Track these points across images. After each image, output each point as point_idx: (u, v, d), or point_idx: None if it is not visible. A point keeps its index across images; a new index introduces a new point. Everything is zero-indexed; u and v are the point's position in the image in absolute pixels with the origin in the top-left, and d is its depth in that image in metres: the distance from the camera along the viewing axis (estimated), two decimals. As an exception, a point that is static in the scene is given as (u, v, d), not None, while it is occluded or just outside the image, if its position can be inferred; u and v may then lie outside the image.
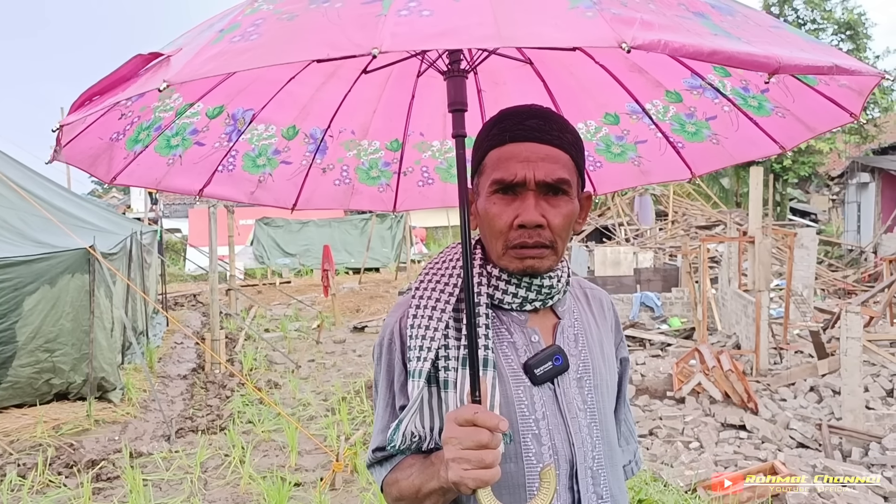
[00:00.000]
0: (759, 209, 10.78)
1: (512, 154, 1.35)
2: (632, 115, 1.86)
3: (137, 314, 10.83)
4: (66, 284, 7.58)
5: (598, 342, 1.50)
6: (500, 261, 1.39)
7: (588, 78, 1.82)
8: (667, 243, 20.43)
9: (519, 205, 1.34)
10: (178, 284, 20.73)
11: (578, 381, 1.42)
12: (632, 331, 13.36)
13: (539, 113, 1.39)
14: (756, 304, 10.11)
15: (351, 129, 2.00)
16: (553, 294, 1.44)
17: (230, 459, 6.36)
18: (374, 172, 2.08)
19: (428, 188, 2.13)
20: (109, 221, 11.36)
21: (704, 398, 8.91)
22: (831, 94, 1.51)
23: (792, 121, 1.63)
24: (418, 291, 1.42)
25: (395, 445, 1.32)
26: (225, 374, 9.65)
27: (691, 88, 1.72)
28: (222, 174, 1.89)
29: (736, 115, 1.70)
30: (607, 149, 1.94)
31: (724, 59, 0.96)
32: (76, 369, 7.69)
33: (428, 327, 1.35)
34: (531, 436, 1.36)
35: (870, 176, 23.80)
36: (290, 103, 1.87)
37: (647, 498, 4.94)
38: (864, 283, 18.19)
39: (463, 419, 1.19)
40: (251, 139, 1.89)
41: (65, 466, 6.28)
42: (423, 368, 1.32)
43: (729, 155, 1.80)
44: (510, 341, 1.41)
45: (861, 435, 7.32)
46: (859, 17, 27.35)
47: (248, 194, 1.95)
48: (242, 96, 1.79)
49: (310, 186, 2.02)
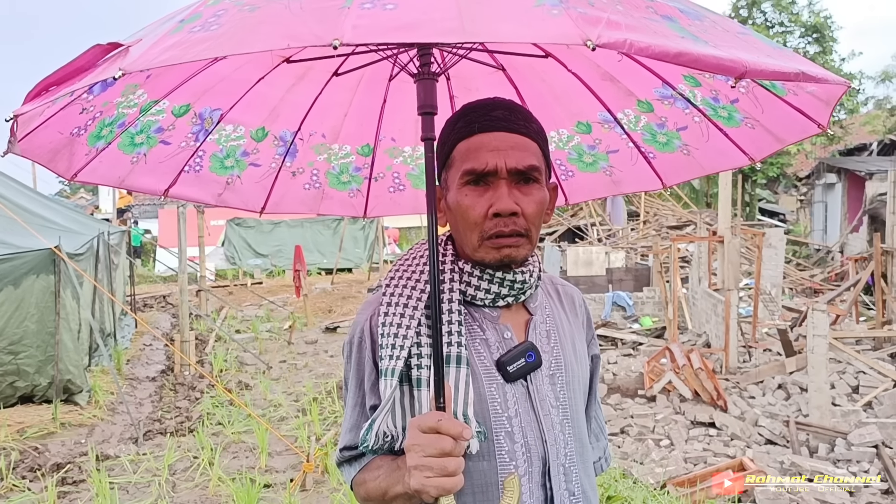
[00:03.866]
0: (728, 209, 10.91)
1: (481, 144, 1.34)
2: (604, 125, 1.85)
3: (105, 316, 10.68)
4: (31, 285, 7.44)
5: (571, 339, 1.50)
6: (476, 253, 1.37)
7: (560, 86, 1.82)
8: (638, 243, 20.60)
9: (492, 194, 1.33)
10: (147, 286, 20.46)
11: (551, 377, 1.41)
12: (604, 330, 13.44)
13: (504, 104, 1.39)
14: (726, 303, 10.23)
15: (321, 132, 1.97)
16: (525, 289, 1.43)
17: (199, 461, 6.29)
18: (344, 177, 2.05)
19: (399, 194, 2.11)
20: (76, 222, 11.18)
21: (675, 396, 9.00)
22: (799, 104, 1.52)
23: (761, 132, 1.64)
24: (389, 289, 1.40)
25: (368, 445, 1.30)
26: (195, 376, 9.54)
27: (662, 98, 1.72)
28: (189, 175, 1.85)
29: (706, 126, 1.71)
30: (579, 158, 1.94)
31: (690, 60, 0.96)
32: (41, 372, 7.56)
33: (400, 325, 1.33)
34: (504, 433, 1.34)
35: (836, 177, 24.20)
36: (260, 104, 1.84)
37: (616, 495, 4.96)
38: (831, 282, 18.49)
39: (426, 426, 1.18)
40: (219, 140, 1.85)
41: (29, 470, 6.16)
42: (395, 367, 1.30)
43: (699, 166, 1.80)
44: (482, 338, 1.40)
45: (827, 431, 7.43)
46: (826, 20, 27.82)
47: (216, 196, 1.91)
48: (210, 95, 1.75)
49: (279, 190, 1.99)
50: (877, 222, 19.44)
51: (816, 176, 26.18)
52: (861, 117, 29.66)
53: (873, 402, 8.39)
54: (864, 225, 20.81)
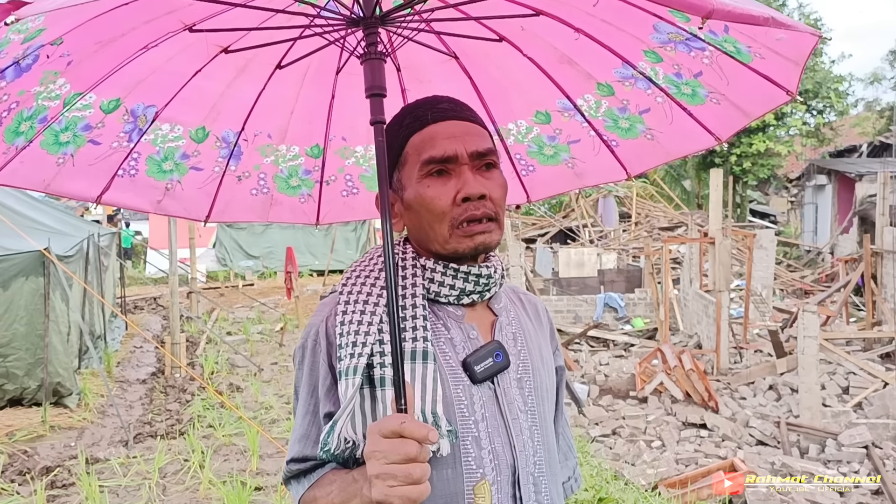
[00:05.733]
0: (719, 211, 10.95)
1: (436, 133, 1.29)
2: (563, 113, 1.76)
3: (95, 318, 10.62)
4: (20, 288, 7.39)
5: (537, 345, 1.43)
6: (448, 245, 1.30)
7: (516, 73, 1.72)
8: (630, 245, 20.65)
9: (457, 181, 1.28)
10: (137, 287, 20.38)
11: (519, 381, 1.34)
12: (595, 331, 13.45)
13: (447, 98, 1.36)
14: (717, 305, 10.26)
15: (267, 132, 1.83)
16: (490, 286, 1.36)
17: (190, 464, 6.25)
18: (293, 181, 1.90)
19: (353, 198, 1.97)
20: (66, 223, 11.11)
21: (666, 397, 9.02)
22: (766, 69, 1.44)
23: (727, 106, 1.57)
24: (346, 288, 1.33)
25: (329, 450, 1.19)
26: (185, 378, 9.50)
27: (623, 79, 1.64)
28: (123, 179, 1.67)
29: (670, 107, 1.63)
30: (540, 150, 1.84)
31: None
32: (31, 374, 7.51)
33: (361, 322, 1.26)
34: (471, 438, 1.25)
35: (826, 178, 24.33)
36: (198, 101, 1.69)
37: (608, 496, 4.96)
38: (822, 283, 18.58)
39: (388, 430, 1.08)
40: (155, 140, 1.68)
41: (18, 474, 6.11)
42: (358, 365, 1.21)
43: (665, 151, 1.72)
44: (447, 337, 1.31)
45: (818, 432, 7.46)
46: (815, 22, 27.98)
47: (155, 203, 1.74)
48: (143, 89, 1.59)
49: (224, 196, 1.83)
50: (866, 224, 19.54)
51: (807, 177, 26.31)
52: (851, 119, 29.85)
53: (863, 403, 8.42)
54: (854, 226, 20.92)
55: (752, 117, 1.56)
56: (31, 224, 9.10)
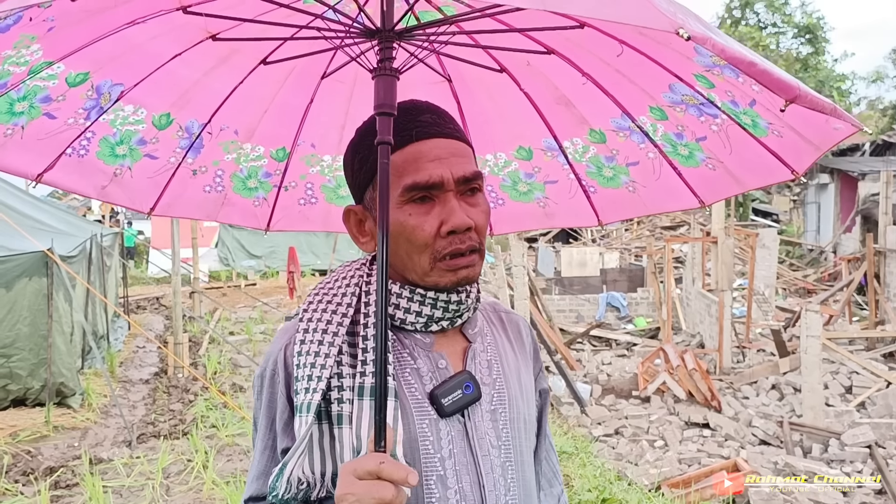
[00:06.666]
0: (722, 210, 10.94)
1: (419, 154, 1.18)
2: (546, 152, 1.69)
3: (97, 318, 10.63)
4: (23, 288, 7.40)
5: (516, 371, 1.33)
6: (427, 278, 1.20)
7: (507, 105, 1.65)
8: (632, 244, 20.65)
9: (441, 209, 1.17)
10: (140, 287, 20.40)
11: (492, 413, 1.24)
12: (598, 331, 13.46)
13: (427, 107, 1.25)
14: (719, 304, 10.25)
15: (234, 128, 1.72)
16: (462, 312, 1.25)
17: (193, 464, 6.26)
18: (252, 182, 1.80)
19: (310, 208, 1.87)
20: (69, 224, 11.12)
21: (669, 397, 9.02)
22: (779, 148, 1.39)
23: (722, 174, 1.51)
24: (306, 314, 1.22)
25: (278, 494, 1.10)
26: (188, 378, 9.51)
27: (618, 129, 1.58)
28: (71, 158, 1.55)
29: (660, 163, 1.58)
30: (514, 185, 1.77)
31: (758, 72, 0.88)
32: (34, 375, 7.52)
33: (318, 353, 1.16)
34: (436, 477, 1.16)
35: (829, 177, 24.30)
36: (170, 85, 1.57)
37: (611, 497, 4.96)
38: (825, 283, 18.56)
39: (364, 471, 1.00)
40: (114, 121, 1.56)
41: (22, 474, 6.12)
42: (312, 401, 1.11)
43: (643, 204, 1.66)
44: (413, 367, 1.21)
45: (821, 431, 7.45)
46: (818, 21, 27.96)
47: (99, 189, 1.62)
48: (115, 66, 1.47)
49: (174, 189, 1.72)
50: (869, 222, 19.52)
51: (809, 176, 26.27)
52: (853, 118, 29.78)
53: (866, 403, 8.42)
54: (857, 225, 20.90)
55: (745, 188, 1.52)
56: (33, 224, 9.12)
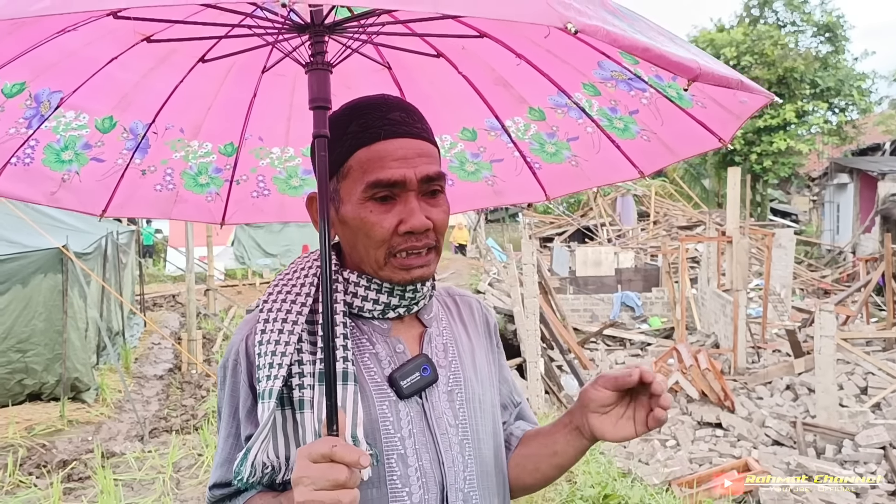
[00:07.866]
0: (736, 210, 10.87)
1: (385, 152, 1.22)
2: (490, 132, 1.75)
3: (112, 315, 10.73)
4: (39, 284, 7.49)
5: (470, 354, 1.39)
6: (381, 272, 1.25)
7: (448, 89, 1.68)
8: (648, 243, 20.55)
9: (401, 208, 1.22)
10: (157, 285, 20.57)
11: (449, 394, 1.30)
12: (612, 330, 13.41)
13: (398, 104, 1.30)
14: (734, 304, 10.18)
15: (180, 126, 1.73)
16: (418, 299, 1.31)
17: (203, 459, 6.31)
18: (202, 178, 1.82)
19: (263, 200, 1.91)
20: (84, 221, 11.20)
21: (682, 397, 8.97)
22: (704, 117, 1.46)
23: (656, 144, 1.58)
24: (266, 304, 1.27)
25: (243, 478, 1.15)
26: (201, 375, 9.59)
27: (556, 106, 1.63)
28: (17, 168, 1.56)
29: (599, 137, 1.63)
30: (461, 166, 1.83)
31: (654, 56, 0.92)
32: (49, 370, 7.61)
33: (278, 342, 1.20)
34: (396, 456, 1.22)
35: (848, 177, 24.07)
36: (110, 89, 1.58)
37: (612, 493, 4.93)
38: (843, 283, 18.38)
39: (317, 454, 1.03)
40: (56, 128, 1.57)
41: (35, 467, 6.20)
42: (273, 387, 1.16)
43: (586, 178, 1.72)
44: (372, 352, 1.27)
45: (835, 432, 7.38)
46: (838, 19, 27.66)
47: (49, 195, 1.64)
48: (52, 74, 1.48)
49: (125, 190, 1.74)
50: (889, 223, 19.31)
51: (828, 176, 26.03)
52: (874, 117, 29.46)
53: (881, 404, 8.33)
54: (877, 225, 20.68)
55: (679, 157, 1.59)
56: (49, 221, 9.21)
